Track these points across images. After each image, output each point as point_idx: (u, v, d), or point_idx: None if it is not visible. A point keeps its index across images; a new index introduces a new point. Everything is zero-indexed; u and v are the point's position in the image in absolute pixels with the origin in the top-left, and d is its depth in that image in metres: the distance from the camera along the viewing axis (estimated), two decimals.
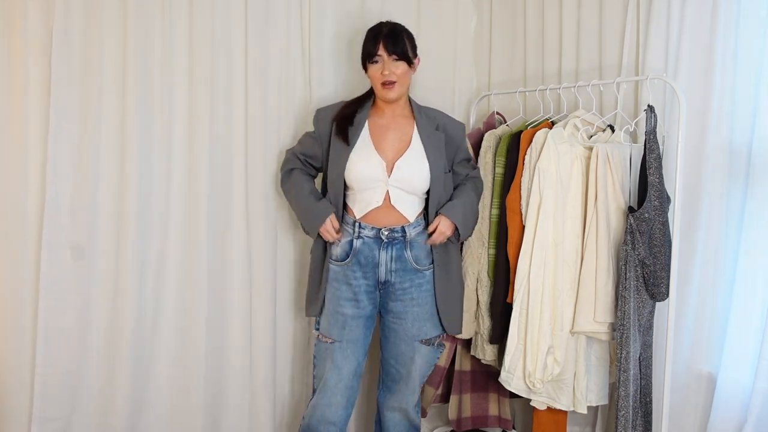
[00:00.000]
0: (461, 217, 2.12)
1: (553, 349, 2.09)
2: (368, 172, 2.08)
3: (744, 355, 2.01)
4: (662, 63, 2.18)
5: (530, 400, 2.20)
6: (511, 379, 2.15)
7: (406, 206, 2.10)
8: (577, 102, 2.32)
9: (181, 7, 2.16)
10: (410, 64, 2.11)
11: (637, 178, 2.09)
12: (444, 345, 2.28)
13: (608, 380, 2.22)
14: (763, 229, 1.99)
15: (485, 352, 2.34)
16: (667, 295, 2.01)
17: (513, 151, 2.26)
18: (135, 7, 2.07)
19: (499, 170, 2.31)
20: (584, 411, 2.16)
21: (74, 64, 2.00)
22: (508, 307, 2.17)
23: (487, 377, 2.49)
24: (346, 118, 2.14)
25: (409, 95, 2.23)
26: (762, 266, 1.99)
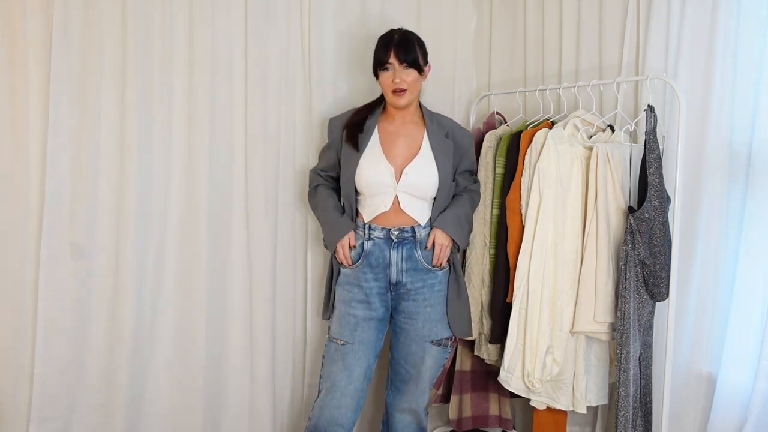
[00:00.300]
0: (452, 228, 2.14)
1: (552, 348, 2.09)
2: (377, 178, 2.11)
3: (744, 355, 2.01)
4: (662, 63, 2.18)
5: (530, 399, 2.20)
6: (510, 378, 2.16)
7: (415, 210, 2.12)
8: (577, 102, 2.32)
9: (181, 5, 2.16)
10: (421, 71, 2.13)
11: (637, 178, 2.09)
12: (452, 346, 2.28)
13: (608, 380, 2.22)
14: (763, 229, 1.99)
15: (489, 353, 2.35)
16: (667, 295, 2.01)
17: (513, 151, 2.26)
18: (135, 5, 2.07)
19: (499, 170, 2.31)
20: (583, 411, 2.16)
21: (74, 63, 2.00)
22: (508, 307, 2.18)
23: (488, 377, 2.49)
24: (356, 124, 2.17)
25: (420, 101, 2.24)
26: (762, 266, 1.99)
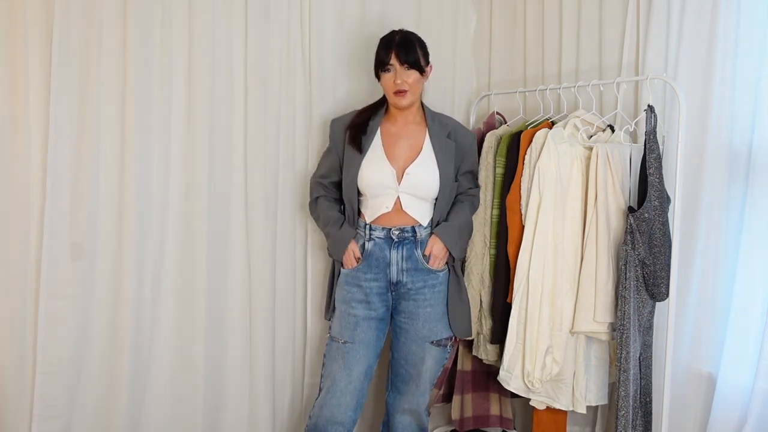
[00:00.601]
0: (451, 241, 2.14)
1: (551, 348, 2.09)
2: (378, 179, 2.12)
3: (744, 355, 2.01)
4: (662, 63, 2.17)
5: (530, 399, 2.20)
6: (510, 378, 2.16)
7: (416, 210, 2.13)
8: (577, 102, 2.32)
9: (181, 5, 2.16)
10: (422, 72, 2.13)
11: (637, 178, 2.09)
12: (452, 347, 2.28)
13: (608, 380, 2.22)
14: (763, 229, 1.99)
15: (488, 353, 2.35)
16: (667, 295, 2.01)
17: (513, 151, 2.26)
18: (135, 5, 2.07)
19: (500, 170, 2.31)
20: (583, 411, 2.16)
21: (74, 64, 2.00)
22: (509, 307, 2.17)
23: (488, 377, 2.49)
24: (359, 126, 2.18)
25: (422, 101, 2.24)
26: (762, 266, 1.99)
